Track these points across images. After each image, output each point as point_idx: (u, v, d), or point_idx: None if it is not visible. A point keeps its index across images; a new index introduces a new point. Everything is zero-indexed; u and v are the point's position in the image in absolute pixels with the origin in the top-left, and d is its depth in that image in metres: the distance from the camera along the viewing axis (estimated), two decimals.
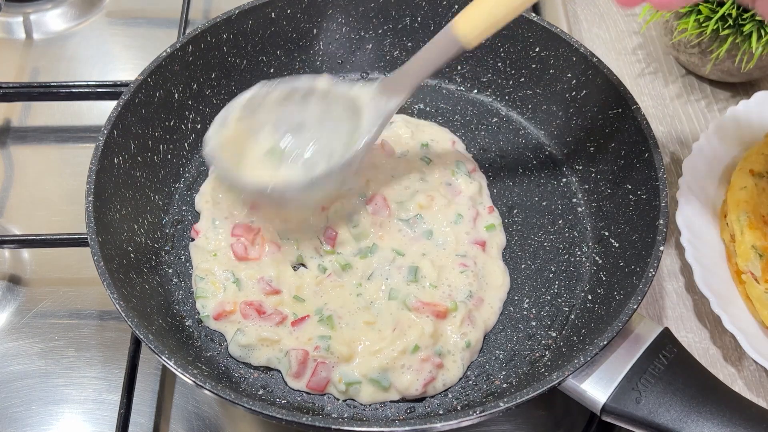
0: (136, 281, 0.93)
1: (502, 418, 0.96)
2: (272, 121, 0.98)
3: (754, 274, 0.98)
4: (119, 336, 1.02)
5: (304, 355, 0.90)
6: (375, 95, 0.94)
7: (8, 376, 0.99)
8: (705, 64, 1.22)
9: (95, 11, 1.38)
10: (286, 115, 0.98)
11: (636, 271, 0.90)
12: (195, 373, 0.81)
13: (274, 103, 0.97)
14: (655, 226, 0.90)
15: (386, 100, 0.94)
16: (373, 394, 0.90)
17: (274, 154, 0.98)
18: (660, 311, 1.06)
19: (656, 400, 0.83)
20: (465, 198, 1.03)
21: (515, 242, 1.03)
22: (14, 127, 1.23)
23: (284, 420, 0.79)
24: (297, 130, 0.98)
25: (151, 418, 0.96)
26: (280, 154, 0.98)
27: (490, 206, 1.04)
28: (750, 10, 1.10)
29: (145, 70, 1.02)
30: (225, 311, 0.94)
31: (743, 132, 1.13)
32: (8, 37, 1.34)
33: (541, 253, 1.02)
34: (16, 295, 1.06)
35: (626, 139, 1.01)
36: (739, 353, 1.02)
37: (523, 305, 0.98)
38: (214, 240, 0.99)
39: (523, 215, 1.05)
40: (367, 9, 1.14)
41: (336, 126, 0.97)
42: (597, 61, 1.04)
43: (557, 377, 0.82)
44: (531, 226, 1.04)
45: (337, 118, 0.97)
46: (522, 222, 1.05)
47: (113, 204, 0.95)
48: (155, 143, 1.04)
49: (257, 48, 1.12)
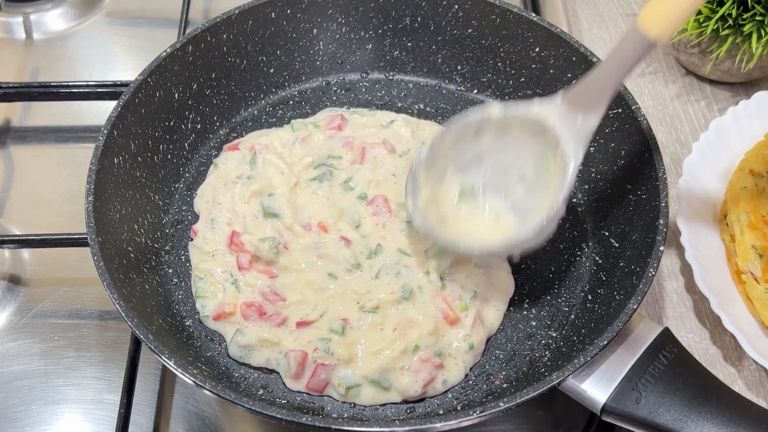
0: (136, 281, 0.93)
1: (502, 418, 0.96)
2: (453, 164, 0.93)
3: (754, 274, 0.98)
4: (119, 336, 1.02)
5: (303, 357, 0.90)
6: (564, 113, 0.86)
7: (8, 376, 0.99)
8: (705, 64, 1.22)
9: (95, 11, 1.38)
10: (465, 153, 0.93)
11: (636, 271, 0.90)
12: (195, 373, 0.81)
13: (450, 146, 0.93)
14: (655, 226, 0.90)
15: (582, 117, 0.85)
16: (374, 395, 0.89)
17: (466, 195, 0.93)
18: (660, 311, 1.06)
19: (656, 400, 0.83)
20: None
21: None
22: (14, 127, 1.23)
23: (284, 420, 0.79)
24: (479, 164, 0.93)
25: (151, 418, 0.96)
26: (471, 193, 0.93)
27: None
28: (750, 10, 1.10)
29: (145, 70, 1.02)
30: (225, 312, 0.94)
31: (743, 132, 1.13)
32: (8, 37, 1.34)
33: (541, 253, 1.02)
34: (16, 295, 1.06)
35: (626, 139, 1.01)
36: (739, 353, 1.02)
37: (523, 305, 0.98)
38: (212, 240, 0.99)
39: None
40: (367, 9, 1.14)
41: (520, 151, 0.91)
42: (597, 61, 1.04)
43: (557, 377, 0.82)
44: None
45: (518, 143, 0.90)
46: None
47: (113, 204, 0.95)
48: (155, 143, 1.04)
49: (257, 48, 1.12)
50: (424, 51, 1.17)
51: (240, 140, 1.10)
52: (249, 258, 0.96)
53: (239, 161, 1.06)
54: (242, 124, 1.13)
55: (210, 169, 1.07)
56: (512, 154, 0.92)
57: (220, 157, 1.08)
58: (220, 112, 1.12)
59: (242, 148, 1.07)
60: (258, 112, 1.14)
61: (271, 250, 0.96)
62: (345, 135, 1.07)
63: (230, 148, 1.08)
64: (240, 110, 1.14)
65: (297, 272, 0.96)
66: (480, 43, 1.13)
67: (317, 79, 1.18)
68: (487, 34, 1.12)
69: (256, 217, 1.00)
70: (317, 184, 1.02)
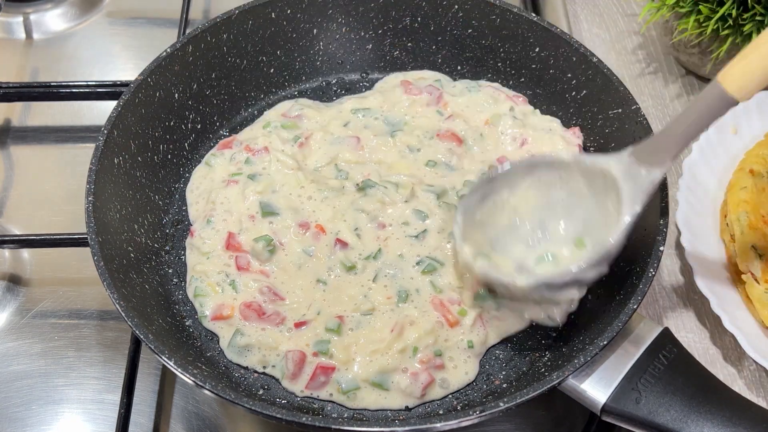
0: (136, 281, 0.93)
1: (502, 418, 0.96)
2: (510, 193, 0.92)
3: (754, 274, 0.98)
4: (119, 336, 1.02)
5: (301, 357, 0.90)
6: (629, 166, 0.85)
7: (8, 376, 0.99)
8: (705, 64, 1.22)
9: (95, 11, 1.38)
10: (523, 187, 0.92)
11: (636, 271, 0.90)
12: (195, 373, 0.81)
13: (512, 175, 0.92)
14: (655, 226, 0.90)
15: (646, 170, 0.84)
16: (376, 399, 0.89)
17: (519, 232, 0.92)
18: (660, 311, 1.06)
19: (656, 400, 0.83)
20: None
21: None
22: (14, 127, 1.23)
23: (284, 420, 0.79)
24: (537, 204, 0.92)
25: (151, 418, 0.96)
26: (525, 232, 0.92)
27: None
28: (750, 10, 1.10)
29: (145, 70, 1.02)
30: (223, 315, 0.94)
31: (743, 132, 1.13)
32: (8, 37, 1.34)
33: None
34: (16, 295, 1.06)
35: (626, 139, 1.01)
36: (739, 353, 1.02)
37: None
38: (209, 240, 0.99)
39: None
40: (367, 9, 1.14)
41: (582, 199, 0.90)
42: (597, 61, 1.04)
43: (557, 377, 0.82)
44: None
45: (581, 190, 0.90)
46: None
47: (113, 204, 0.95)
48: (155, 143, 1.04)
49: (257, 48, 1.12)
50: (424, 51, 1.17)
51: (234, 137, 1.09)
52: (248, 259, 0.96)
53: (229, 159, 1.05)
54: (242, 124, 1.13)
55: (201, 167, 1.07)
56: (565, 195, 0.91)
57: (210, 156, 1.07)
58: (220, 112, 1.12)
59: (235, 146, 1.07)
60: (258, 112, 1.14)
61: (265, 249, 0.95)
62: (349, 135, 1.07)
63: (224, 145, 1.08)
64: (240, 110, 1.14)
65: (292, 272, 0.96)
66: (480, 43, 1.13)
67: (317, 79, 1.18)
68: (487, 34, 1.12)
69: (252, 217, 1.00)
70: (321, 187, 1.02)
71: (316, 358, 0.90)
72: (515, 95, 1.11)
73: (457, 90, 1.11)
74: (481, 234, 0.93)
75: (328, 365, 0.90)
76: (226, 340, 0.93)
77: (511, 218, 0.93)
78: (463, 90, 1.11)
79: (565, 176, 0.90)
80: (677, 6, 1.14)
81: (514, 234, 0.93)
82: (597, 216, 0.89)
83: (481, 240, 0.92)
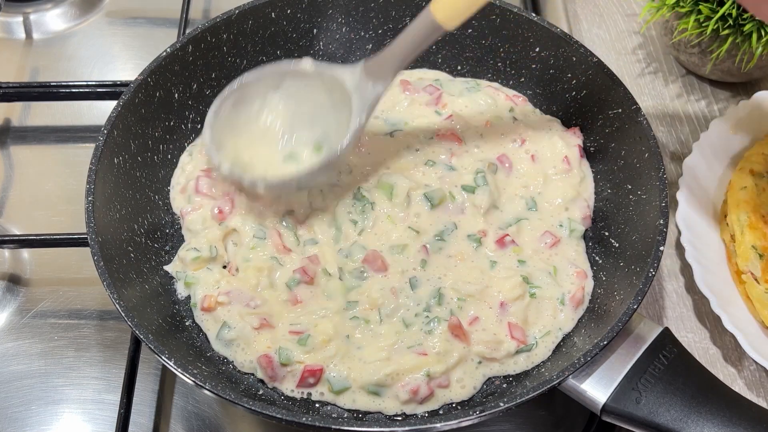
0: (136, 281, 0.93)
1: (502, 418, 0.96)
2: (262, 104, 0.99)
3: (754, 274, 0.98)
4: (119, 336, 1.02)
5: (267, 361, 0.89)
6: (360, 80, 0.95)
7: (8, 376, 0.99)
8: (705, 64, 1.22)
9: (95, 11, 1.38)
10: (275, 100, 0.99)
11: (636, 271, 0.90)
12: (195, 373, 0.81)
13: (263, 87, 0.99)
14: (655, 226, 0.90)
15: (372, 85, 0.94)
16: (366, 402, 0.89)
17: (268, 138, 0.99)
18: (660, 311, 1.06)
19: (656, 400, 0.83)
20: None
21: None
22: (14, 127, 1.23)
23: (284, 420, 0.79)
24: (286, 114, 1.00)
25: (151, 418, 0.96)
26: (274, 138, 0.99)
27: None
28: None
29: (145, 70, 1.02)
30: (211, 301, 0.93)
31: (743, 132, 1.13)
32: (8, 37, 1.34)
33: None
34: (16, 295, 1.06)
35: (626, 139, 1.01)
36: (739, 353, 1.02)
37: None
38: (195, 212, 1.00)
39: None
40: (367, 9, 1.14)
41: (324, 109, 0.98)
42: (597, 61, 1.04)
43: (557, 377, 0.82)
44: None
45: (323, 101, 0.98)
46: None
47: (113, 204, 0.95)
48: (155, 143, 1.04)
49: (257, 48, 1.12)
50: (424, 51, 1.16)
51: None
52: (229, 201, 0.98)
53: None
54: None
55: (183, 158, 1.07)
56: (317, 115, 0.99)
57: (190, 149, 1.08)
58: None
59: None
60: None
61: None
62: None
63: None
64: None
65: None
66: (480, 43, 1.13)
67: None
68: (487, 34, 1.12)
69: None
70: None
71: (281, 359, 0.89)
72: (515, 95, 1.11)
73: (456, 90, 1.11)
74: (235, 139, 0.99)
75: (315, 367, 0.89)
76: (213, 334, 0.93)
77: (263, 126, 0.99)
78: (463, 90, 1.11)
79: (310, 88, 0.98)
80: (677, 6, 1.14)
81: (265, 139, 0.99)
82: (335, 126, 0.97)
83: (236, 145, 0.98)
